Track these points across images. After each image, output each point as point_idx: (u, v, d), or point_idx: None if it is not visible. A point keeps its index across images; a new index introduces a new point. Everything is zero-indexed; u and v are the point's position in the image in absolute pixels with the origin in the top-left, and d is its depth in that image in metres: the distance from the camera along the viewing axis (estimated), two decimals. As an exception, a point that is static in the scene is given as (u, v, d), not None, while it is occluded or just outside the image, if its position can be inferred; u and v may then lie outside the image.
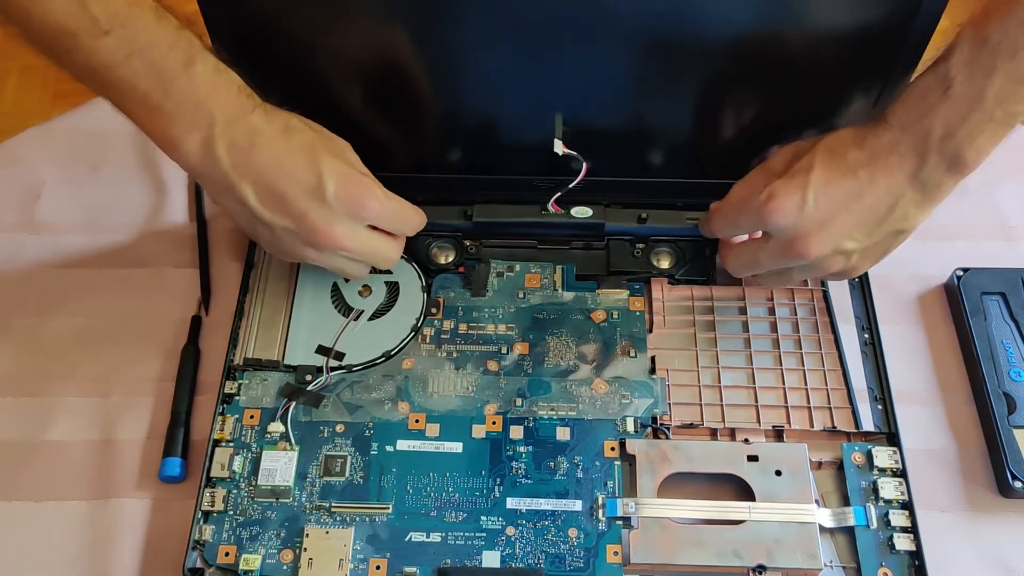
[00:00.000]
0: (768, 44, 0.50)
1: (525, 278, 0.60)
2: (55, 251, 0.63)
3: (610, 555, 0.50)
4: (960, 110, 0.44)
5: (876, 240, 0.49)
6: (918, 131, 0.45)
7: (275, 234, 0.50)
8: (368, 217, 0.51)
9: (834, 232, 0.48)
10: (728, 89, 0.54)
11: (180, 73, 0.45)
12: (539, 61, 0.51)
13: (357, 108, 0.55)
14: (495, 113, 0.56)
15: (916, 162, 0.46)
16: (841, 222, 0.48)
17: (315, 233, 0.49)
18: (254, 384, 0.56)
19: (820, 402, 0.55)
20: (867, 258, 0.51)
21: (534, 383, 0.56)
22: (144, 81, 0.44)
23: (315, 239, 0.50)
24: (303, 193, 0.48)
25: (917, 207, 0.47)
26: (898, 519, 0.51)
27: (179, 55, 0.45)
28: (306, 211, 0.48)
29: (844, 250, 0.49)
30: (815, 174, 0.47)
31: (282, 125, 0.49)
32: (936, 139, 0.45)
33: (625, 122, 0.56)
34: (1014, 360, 0.56)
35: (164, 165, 0.67)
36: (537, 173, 0.59)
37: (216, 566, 0.50)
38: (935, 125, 0.45)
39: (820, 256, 0.49)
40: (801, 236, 0.48)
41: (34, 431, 0.56)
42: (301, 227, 0.49)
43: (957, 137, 0.45)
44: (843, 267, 0.51)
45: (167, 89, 0.45)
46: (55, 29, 0.42)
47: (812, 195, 0.47)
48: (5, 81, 1.64)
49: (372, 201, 0.50)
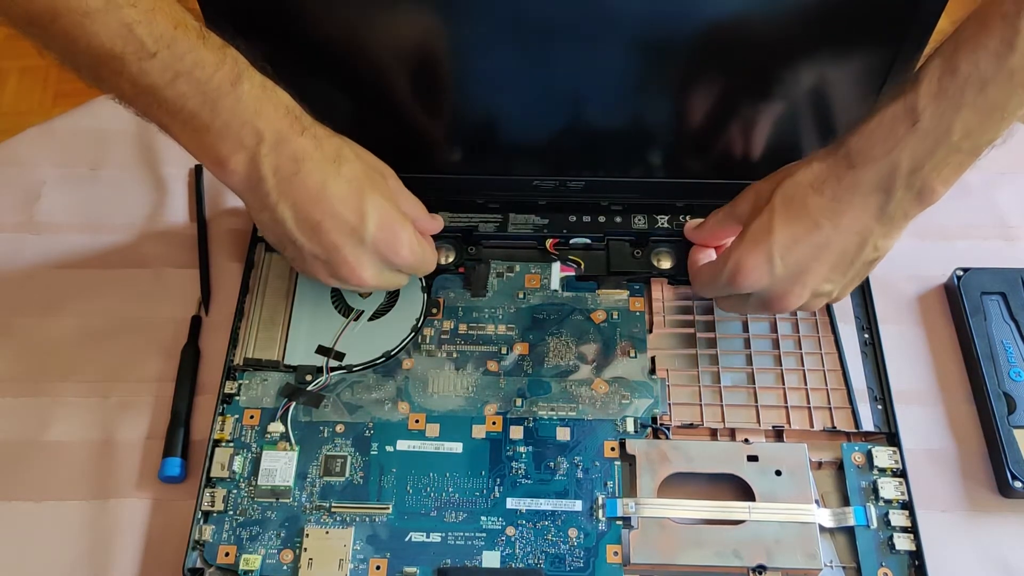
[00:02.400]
0: (769, 42, 0.50)
1: (525, 278, 0.60)
2: (55, 251, 0.63)
3: (610, 555, 0.50)
4: (927, 144, 0.43)
5: (852, 275, 0.49)
6: (883, 167, 0.45)
7: (302, 256, 0.50)
8: (397, 263, 0.51)
9: (809, 283, 0.48)
10: (730, 88, 0.54)
11: (227, 92, 0.45)
12: (540, 61, 0.51)
13: (356, 107, 0.55)
14: (496, 113, 0.56)
15: (882, 198, 0.45)
16: (814, 273, 0.48)
17: (343, 268, 0.49)
18: (254, 384, 0.56)
19: (820, 402, 0.55)
20: (844, 290, 0.51)
21: (534, 383, 0.56)
22: (191, 101, 0.44)
23: (341, 273, 0.50)
24: (342, 229, 0.48)
25: (885, 238, 0.47)
26: (898, 519, 0.51)
27: (225, 74, 0.45)
28: (341, 247, 0.49)
29: (823, 292, 0.50)
30: (777, 235, 0.47)
31: (333, 153, 0.49)
32: (903, 173, 0.44)
33: (626, 122, 0.56)
34: (1014, 360, 0.56)
35: (164, 165, 0.67)
36: (538, 173, 0.59)
37: (216, 566, 0.50)
38: (902, 159, 0.44)
39: (800, 305, 0.50)
40: (777, 296, 0.49)
41: (34, 431, 0.56)
42: (331, 259, 0.49)
43: (924, 171, 0.44)
44: (826, 301, 0.52)
45: (214, 108, 0.45)
46: (101, 53, 0.42)
47: (778, 258, 0.47)
48: (5, 81, 1.64)
49: (404, 250, 0.50)
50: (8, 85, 1.63)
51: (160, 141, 0.68)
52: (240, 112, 0.45)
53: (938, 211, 0.65)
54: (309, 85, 0.52)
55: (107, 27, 0.41)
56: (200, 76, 0.44)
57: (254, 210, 0.49)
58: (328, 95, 0.54)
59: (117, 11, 0.41)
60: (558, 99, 0.54)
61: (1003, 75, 0.41)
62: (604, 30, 0.49)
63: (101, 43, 0.41)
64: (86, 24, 0.41)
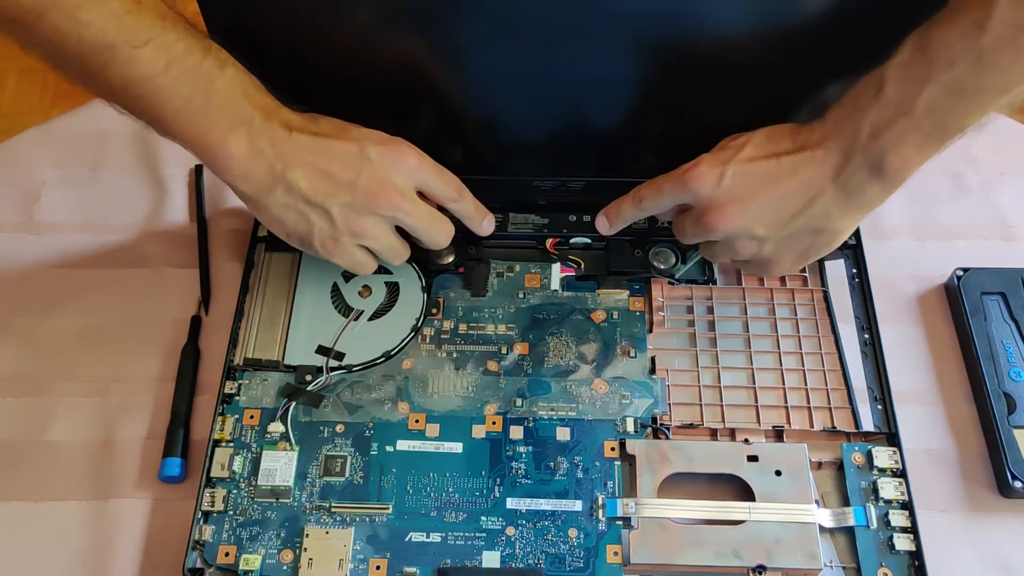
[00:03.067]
0: (771, 43, 0.50)
1: (525, 278, 0.60)
2: (55, 251, 0.63)
3: (610, 555, 0.50)
4: (888, 114, 0.43)
5: (790, 232, 0.48)
6: (847, 129, 0.45)
7: (330, 216, 0.50)
8: (413, 171, 0.51)
9: (747, 211, 0.47)
10: (730, 88, 0.54)
11: (217, 75, 0.46)
12: (540, 61, 0.51)
13: (355, 108, 0.55)
14: (496, 113, 0.56)
15: (840, 159, 0.45)
16: (755, 203, 0.47)
17: (369, 195, 0.50)
18: (254, 384, 0.56)
19: (820, 402, 0.55)
20: (782, 252, 0.50)
21: (534, 383, 0.56)
22: (185, 87, 0.45)
23: (372, 202, 0.50)
24: (349, 160, 0.49)
25: (839, 208, 0.47)
26: (898, 519, 0.51)
27: (213, 60, 0.46)
28: (357, 176, 0.49)
29: (755, 235, 0.48)
30: (743, 152, 0.48)
31: (309, 116, 0.51)
32: (863, 138, 0.44)
33: (626, 122, 0.56)
34: (1014, 360, 0.56)
35: (164, 165, 0.68)
36: (538, 173, 0.59)
37: (216, 566, 0.50)
38: (864, 124, 0.44)
39: (729, 232, 0.49)
40: (713, 207, 0.48)
41: (34, 431, 0.56)
42: (355, 195, 0.49)
43: (882, 140, 0.44)
44: (755, 253, 0.50)
45: (207, 91, 0.46)
46: (92, 44, 0.42)
47: (732, 169, 0.47)
48: (5, 81, 1.64)
49: (413, 154, 0.51)
50: (8, 85, 1.63)
51: (160, 141, 0.67)
52: (231, 93, 0.47)
53: (938, 211, 0.65)
54: (308, 86, 0.52)
55: (99, 16, 0.42)
56: (191, 62, 0.45)
57: (262, 194, 0.49)
58: (327, 96, 0.54)
59: (107, 1, 0.42)
60: (558, 99, 0.54)
61: (971, 55, 0.41)
62: (604, 29, 0.49)
63: (93, 34, 0.42)
64: (78, 15, 0.41)
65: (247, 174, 0.48)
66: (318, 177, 0.49)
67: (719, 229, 0.48)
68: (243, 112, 0.47)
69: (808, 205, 0.47)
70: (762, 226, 0.48)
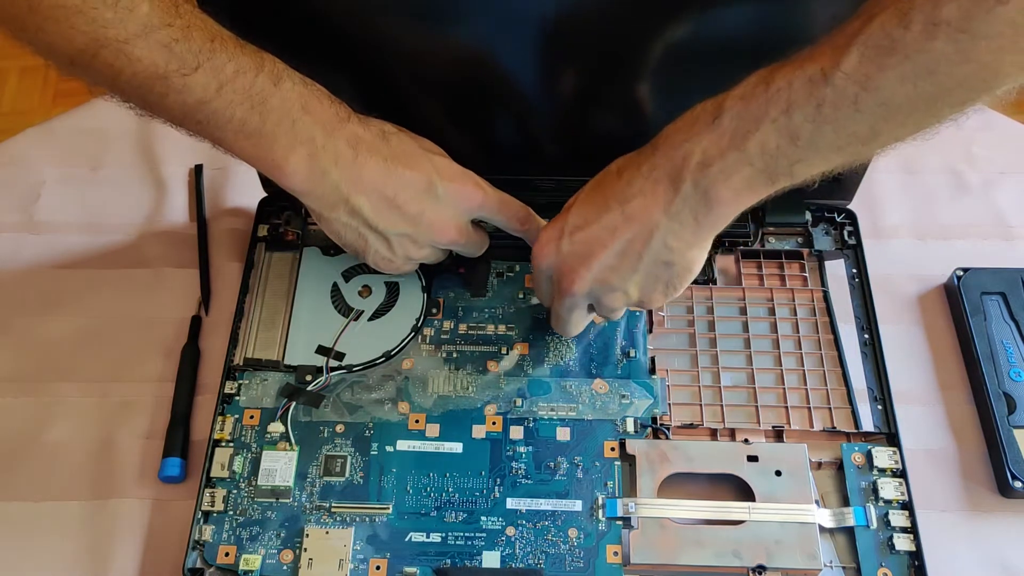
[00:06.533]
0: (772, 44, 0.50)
1: (525, 278, 0.60)
2: (55, 251, 0.63)
3: (610, 555, 0.50)
4: (721, 144, 0.41)
5: (644, 273, 0.47)
6: (677, 155, 0.43)
7: (389, 241, 0.51)
8: (477, 209, 0.52)
9: (594, 266, 0.47)
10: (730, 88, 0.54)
11: (272, 93, 0.45)
12: (541, 60, 0.51)
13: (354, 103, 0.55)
14: (496, 112, 0.56)
15: (670, 191, 0.43)
16: (598, 257, 0.46)
17: (432, 230, 0.51)
18: (254, 384, 0.56)
19: (820, 402, 0.55)
20: (648, 292, 0.48)
21: (534, 383, 0.56)
22: (239, 109, 0.44)
23: (432, 237, 0.51)
24: (416, 194, 0.49)
25: (677, 239, 0.45)
26: (898, 519, 0.51)
27: (266, 77, 0.45)
28: (422, 212, 0.50)
29: (613, 286, 0.48)
30: (572, 213, 0.47)
31: (378, 130, 0.49)
32: (692, 166, 0.42)
33: (626, 122, 0.56)
34: (1014, 360, 0.56)
35: (164, 165, 0.68)
36: (538, 173, 0.59)
37: (216, 566, 0.50)
38: (695, 151, 0.42)
39: (587, 292, 0.48)
40: (563, 274, 0.48)
41: (34, 431, 0.56)
42: (419, 228, 0.50)
43: (711, 171, 0.42)
44: (627, 302, 0.49)
45: (263, 111, 0.45)
46: (145, 77, 0.42)
47: (567, 235, 0.47)
48: (5, 81, 1.64)
49: (479, 192, 0.51)
50: (8, 85, 1.63)
51: (160, 141, 0.69)
52: (288, 111, 0.46)
53: (938, 211, 0.65)
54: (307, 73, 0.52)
55: (148, 50, 0.41)
56: (244, 82, 0.44)
57: (325, 210, 0.49)
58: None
59: (155, 33, 0.41)
60: (558, 99, 0.54)
61: (811, 104, 0.38)
62: (605, 30, 0.49)
63: (144, 67, 0.42)
64: (127, 51, 0.41)
65: (310, 191, 0.48)
66: (383, 205, 0.49)
67: (575, 292, 0.48)
68: (303, 129, 0.46)
69: (647, 241, 0.45)
70: (616, 275, 0.47)
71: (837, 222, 0.62)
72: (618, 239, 0.45)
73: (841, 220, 0.62)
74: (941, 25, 0.34)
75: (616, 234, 0.45)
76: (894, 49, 0.36)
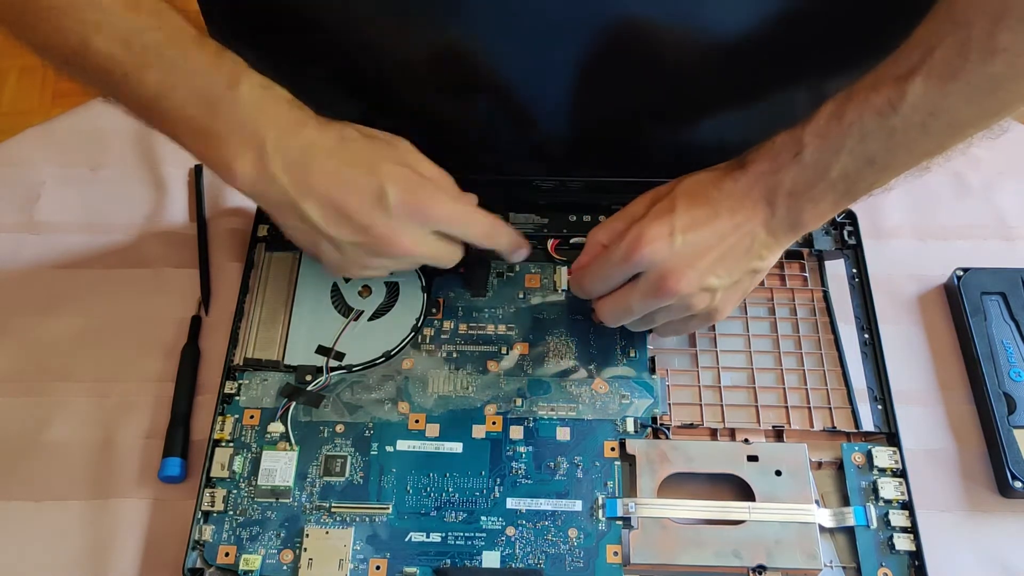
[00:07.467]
0: (772, 44, 0.50)
1: (525, 278, 0.60)
2: (55, 251, 0.63)
3: (610, 555, 0.50)
4: (807, 176, 0.45)
5: (736, 279, 0.49)
6: (769, 183, 0.46)
7: (340, 249, 0.50)
8: (433, 223, 0.50)
9: (701, 268, 0.48)
10: (730, 89, 0.54)
11: (224, 95, 0.45)
12: (540, 60, 0.51)
13: (354, 110, 0.55)
14: (497, 112, 0.56)
15: (767, 209, 0.47)
16: (708, 259, 0.48)
17: (381, 243, 0.49)
18: (254, 384, 0.56)
19: (820, 402, 0.55)
20: (728, 298, 0.51)
21: (534, 383, 0.56)
22: (191, 107, 0.45)
23: (382, 249, 0.50)
24: (366, 205, 0.48)
25: (768, 249, 0.49)
26: (898, 519, 0.51)
27: (222, 78, 0.45)
28: (371, 224, 0.48)
29: (709, 287, 0.49)
30: (679, 214, 0.48)
31: (336, 136, 0.49)
32: (784, 193, 0.46)
33: (626, 122, 0.56)
34: (1014, 360, 0.56)
35: (164, 165, 0.67)
36: (538, 173, 0.59)
37: (216, 566, 0.50)
38: (784, 179, 0.46)
39: (688, 293, 0.48)
40: (670, 271, 0.48)
41: (34, 431, 0.56)
42: (367, 239, 0.49)
43: (801, 200, 0.46)
44: (707, 306, 0.50)
45: (214, 111, 0.45)
46: (104, 67, 0.43)
47: (679, 232, 0.48)
48: (5, 81, 1.64)
49: (435, 206, 0.50)
50: (8, 85, 1.63)
51: (160, 141, 0.68)
52: (239, 113, 0.45)
53: (938, 211, 0.65)
54: (306, 88, 0.52)
55: (106, 42, 0.42)
56: (197, 82, 0.44)
57: (274, 213, 0.49)
58: (325, 97, 0.54)
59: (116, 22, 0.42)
60: (558, 98, 0.54)
61: (883, 132, 0.43)
62: (606, 30, 0.49)
63: (102, 60, 0.43)
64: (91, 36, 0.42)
65: (259, 194, 0.48)
66: (332, 213, 0.48)
67: (680, 290, 0.48)
68: (251, 132, 0.46)
69: (749, 249, 0.48)
70: (715, 277, 0.49)
71: (837, 222, 0.62)
72: (725, 245, 0.48)
73: (841, 220, 0.62)
74: (999, 52, 0.39)
75: (724, 240, 0.48)
76: (956, 76, 0.40)
